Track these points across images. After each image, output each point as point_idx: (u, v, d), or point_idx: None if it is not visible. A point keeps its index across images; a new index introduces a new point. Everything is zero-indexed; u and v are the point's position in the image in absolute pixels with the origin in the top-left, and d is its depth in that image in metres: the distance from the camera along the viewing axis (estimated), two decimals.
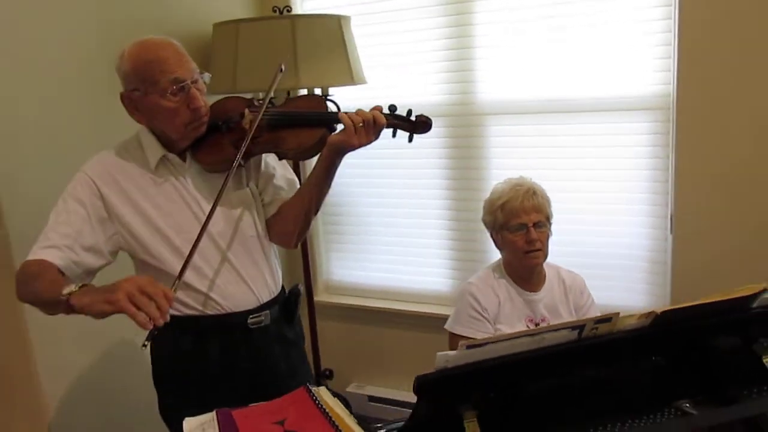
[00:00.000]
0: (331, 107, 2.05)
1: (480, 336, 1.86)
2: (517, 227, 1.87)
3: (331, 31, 2.30)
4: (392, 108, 1.60)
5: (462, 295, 1.95)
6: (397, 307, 2.85)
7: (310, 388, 1.26)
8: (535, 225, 1.86)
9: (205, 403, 1.28)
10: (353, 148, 1.54)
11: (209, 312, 1.60)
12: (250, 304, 1.64)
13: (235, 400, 1.49)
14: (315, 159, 1.64)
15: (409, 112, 1.61)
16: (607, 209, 2.44)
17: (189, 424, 1.19)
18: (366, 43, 2.57)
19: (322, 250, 3.02)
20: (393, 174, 2.79)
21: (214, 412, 1.22)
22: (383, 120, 1.55)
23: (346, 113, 1.54)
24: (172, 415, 1.68)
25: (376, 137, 1.57)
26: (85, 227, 1.51)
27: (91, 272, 1.54)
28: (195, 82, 1.52)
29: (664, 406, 1.32)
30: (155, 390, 1.72)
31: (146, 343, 1.31)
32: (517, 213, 1.87)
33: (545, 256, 1.90)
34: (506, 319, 1.89)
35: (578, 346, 1.13)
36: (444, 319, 2.75)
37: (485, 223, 1.99)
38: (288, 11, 2.47)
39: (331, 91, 2.49)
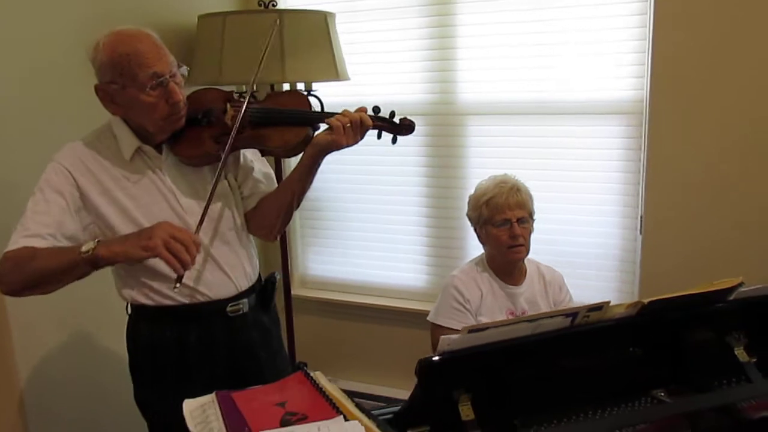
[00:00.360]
0: (314, 104, 2.08)
1: (461, 327, 1.91)
2: (501, 222, 1.93)
3: (318, 27, 2.33)
4: (376, 110, 1.64)
5: (446, 288, 2.00)
6: (372, 302, 2.89)
7: (308, 372, 1.29)
8: (519, 221, 1.93)
9: (182, 392, 1.30)
10: (340, 147, 1.58)
11: (187, 301, 1.60)
12: (229, 292, 1.65)
13: (214, 387, 1.51)
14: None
15: (392, 114, 1.65)
16: (580, 209, 2.52)
17: (189, 405, 1.21)
18: (348, 41, 2.60)
19: (299, 244, 3.04)
20: (371, 170, 2.82)
21: (213, 394, 1.23)
22: (370, 122, 1.59)
23: (334, 114, 1.58)
24: (148, 404, 1.69)
25: (362, 138, 1.61)
26: (65, 217, 1.50)
27: None
28: (173, 75, 1.51)
29: (641, 395, 1.39)
30: (131, 376, 1.72)
31: (178, 285, 1.41)
32: (501, 209, 1.93)
33: (527, 251, 1.96)
34: (488, 311, 1.95)
35: (569, 333, 1.19)
36: (419, 314, 2.81)
37: (470, 218, 2.05)
38: (273, 6, 2.48)
39: (315, 86, 2.51)
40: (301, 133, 1.60)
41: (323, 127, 1.61)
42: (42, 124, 2.03)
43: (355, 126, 1.56)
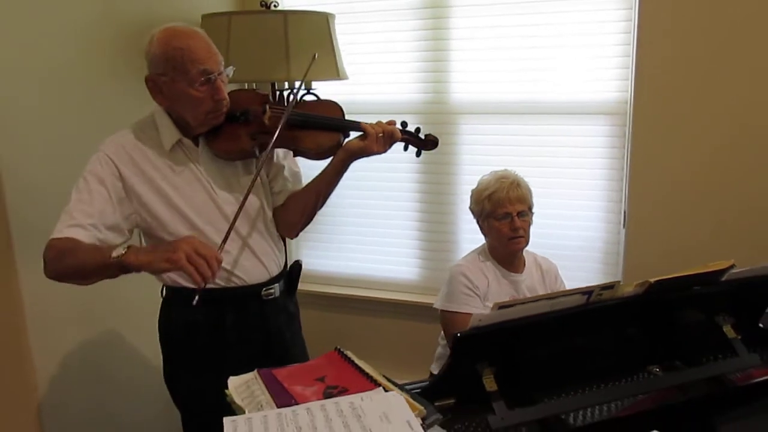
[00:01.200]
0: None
1: (474, 311, 2.02)
2: (503, 216, 2.05)
3: (321, 27, 2.42)
4: (404, 124, 1.79)
5: (453, 276, 2.10)
6: (365, 295, 2.99)
7: (342, 350, 1.38)
8: (519, 214, 2.05)
9: (216, 370, 1.38)
10: (369, 154, 1.71)
11: (225, 284, 1.70)
12: (263, 277, 1.76)
13: (246, 367, 1.60)
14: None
15: (418, 129, 1.82)
16: (566, 204, 2.66)
17: (233, 382, 1.29)
18: (344, 41, 2.69)
19: (295, 238, 3.11)
20: (366, 167, 2.84)
21: (255, 372, 1.31)
22: (399, 134, 1.74)
23: (368, 123, 1.71)
24: (180, 381, 1.77)
25: (389, 148, 1.74)
26: (107, 207, 1.57)
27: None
28: (220, 74, 1.60)
29: (638, 370, 1.53)
30: (162, 357, 1.79)
31: (197, 298, 1.44)
32: (502, 203, 2.04)
33: (527, 242, 2.09)
34: (494, 297, 2.06)
35: (578, 312, 1.30)
36: (413, 306, 2.92)
37: (472, 212, 2.16)
38: (275, 6, 2.56)
39: (314, 84, 2.59)
40: (334, 138, 1.73)
41: (353, 135, 1.74)
42: (53, 122, 2.07)
43: (386, 136, 1.70)
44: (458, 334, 1.19)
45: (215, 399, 1.54)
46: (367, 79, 2.80)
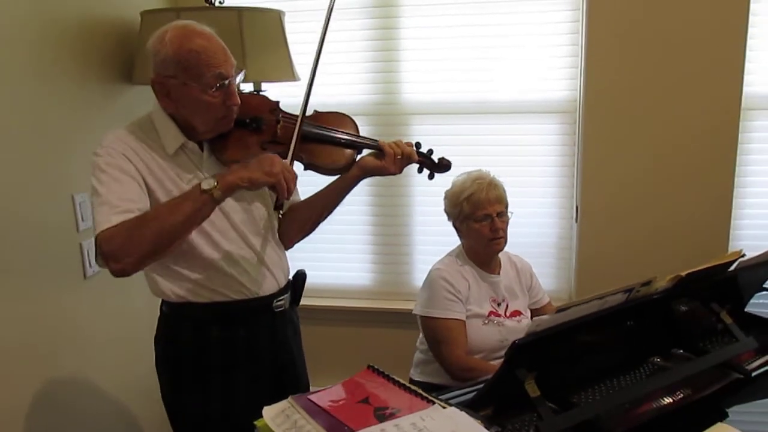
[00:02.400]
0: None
1: (460, 316, 1.99)
2: (483, 218, 2.03)
3: (275, 25, 2.29)
4: (418, 145, 1.74)
5: (433, 281, 2.06)
6: (320, 304, 2.87)
7: (376, 367, 1.30)
8: (498, 215, 2.04)
9: (227, 389, 1.27)
10: (385, 174, 1.66)
11: (237, 297, 1.58)
12: (273, 288, 1.66)
13: (257, 383, 1.49)
14: None
15: (430, 151, 1.78)
16: (520, 201, 2.66)
17: (268, 413, 1.17)
18: (291, 41, 2.57)
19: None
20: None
21: (289, 399, 1.20)
22: (415, 157, 1.70)
23: (387, 142, 1.65)
24: (185, 404, 1.62)
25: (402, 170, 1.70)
26: (140, 192, 1.45)
27: None
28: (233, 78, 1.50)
29: (641, 363, 1.56)
30: (163, 381, 1.65)
31: (281, 212, 1.56)
32: (482, 205, 2.02)
33: (506, 241, 2.08)
34: (475, 300, 2.04)
35: (623, 307, 1.30)
36: (366, 312, 2.85)
37: (448, 214, 2.12)
38: (221, 3, 2.40)
39: (264, 86, 2.46)
40: (350, 156, 1.66)
41: (366, 152, 1.68)
42: None
43: (404, 158, 1.65)
44: (516, 342, 1.15)
45: (222, 420, 1.43)
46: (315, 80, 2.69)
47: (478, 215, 2.03)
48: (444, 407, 1.15)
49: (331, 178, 1.73)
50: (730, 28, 2.33)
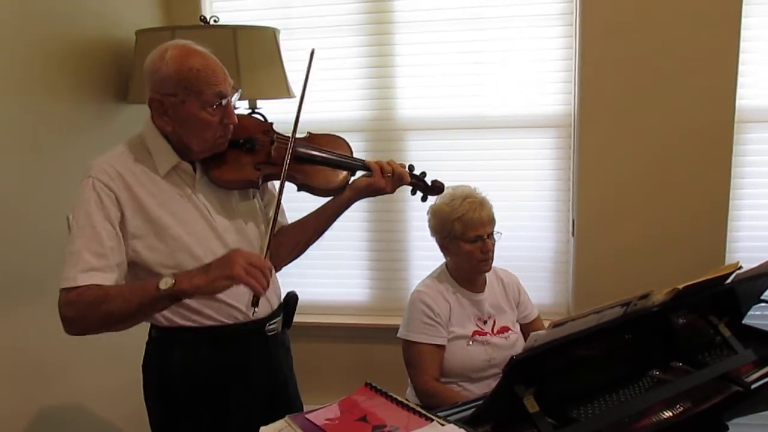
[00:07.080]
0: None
1: (437, 341, 1.97)
2: (474, 239, 2.00)
3: (269, 44, 2.30)
4: (411, 167, 1.74)
5: (413, 303, 2.03)
6: (315, 321, 2.86)
7: (373, 384, 1.29)
8: (489, 236, 2.02)
9: (218, 415, 1.23)
10: (377, 191, 1.65)
11: (229, 321, 1.55)
12: (266, 311, 1.63)
13: (249, 407, 1.47)
14: None
15: (423, 173, 1.77)
16: (516, 215, 2.69)
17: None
18: (287, 58, 2.59)
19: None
20: None
21: (286, 419, 1.19)
22: (408, 178, 1.69)
23: (375, 161, 1.65)
24: (177, 428, 1.60)
25: (395, 189, 1.69)
26: (114, 242, 1.42)
27: None
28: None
29: (641, 376, 1.55)
30: (149, 404, 1.61)
31: (255, 309, 1.44)
32: (474, 225, 1.99)
33: (492, 261, 2.06)
34: (458, 321, 2.01)
35: (620, 321, 1.30)
36: (362, 328, 2.84)
37: (435, 232, 2.08)
38: (215, 21, 2.41)
39: (259, 104, 2.46)
40: (343, 177, 1.66)
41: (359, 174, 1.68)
42: None
43: (396, 177, 1.64)
44: (513, 357, 1.14)
45: None
46: (309, 97, 2.69)
47: (470, 236, 2.00)
48: (442, 424, 1.14)
49: (324, 200, 1.72)
50: (723, 42, 2.35)
